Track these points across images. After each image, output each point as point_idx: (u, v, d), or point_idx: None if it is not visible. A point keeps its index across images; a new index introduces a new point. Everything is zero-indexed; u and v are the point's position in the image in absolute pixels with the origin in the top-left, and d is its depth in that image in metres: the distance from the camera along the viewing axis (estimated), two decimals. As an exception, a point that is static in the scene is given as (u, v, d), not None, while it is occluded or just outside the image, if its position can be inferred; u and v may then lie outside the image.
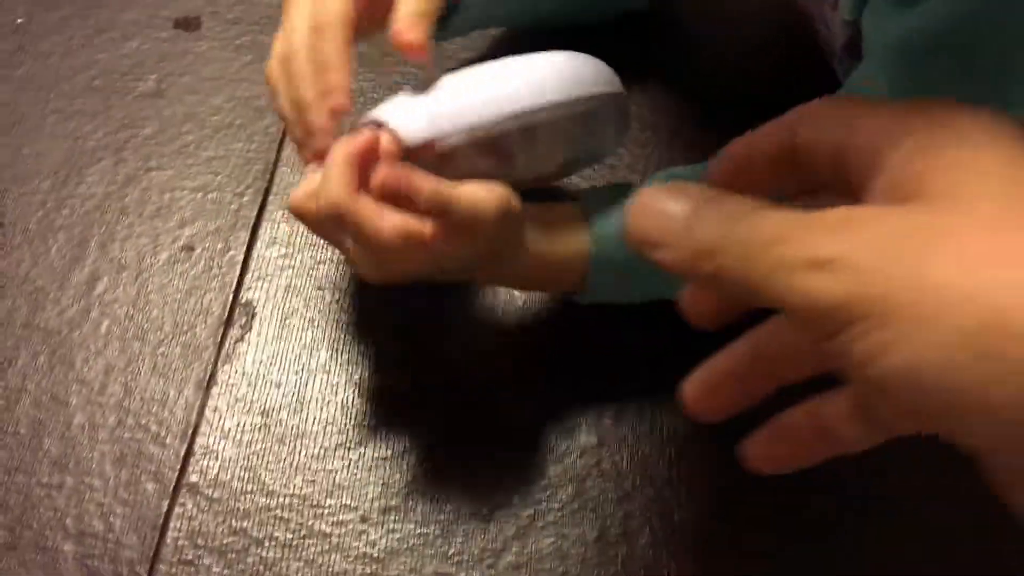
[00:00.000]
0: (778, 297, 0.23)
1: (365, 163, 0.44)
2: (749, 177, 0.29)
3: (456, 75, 0.48)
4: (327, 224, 0.45)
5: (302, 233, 0.62)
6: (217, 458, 0.53)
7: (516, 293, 0.59)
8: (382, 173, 0.43)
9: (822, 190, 0.27)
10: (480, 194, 0.44)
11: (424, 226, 0.43)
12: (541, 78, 0.48)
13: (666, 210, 0.26)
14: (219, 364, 0.57)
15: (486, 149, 0.47)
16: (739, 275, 0.24)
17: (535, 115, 0.47)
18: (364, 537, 0.51)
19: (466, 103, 0.47)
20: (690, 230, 0.25)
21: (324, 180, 0.44)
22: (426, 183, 0.43)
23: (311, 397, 0.56)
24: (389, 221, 0.43)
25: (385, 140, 0.45)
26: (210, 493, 0.52)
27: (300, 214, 0.47)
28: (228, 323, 0.58)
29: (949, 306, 0.21)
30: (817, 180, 0.27)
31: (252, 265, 0.61)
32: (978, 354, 0.21)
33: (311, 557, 0.50)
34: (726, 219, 0.25)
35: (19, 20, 0.74)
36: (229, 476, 0.53)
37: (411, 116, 0.46)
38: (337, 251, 0.60)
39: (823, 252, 0.23)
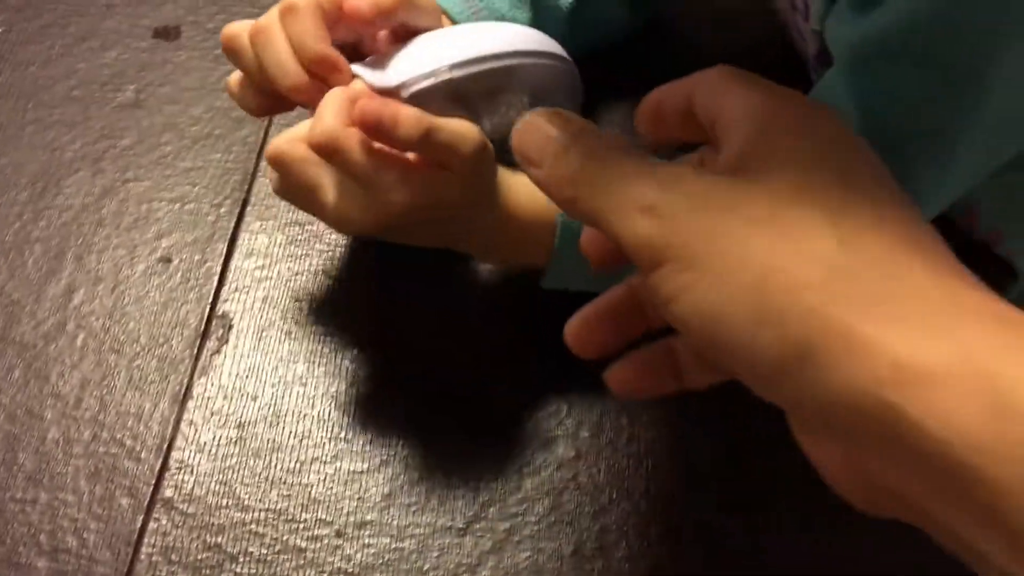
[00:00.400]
0: (614, 232, 0.27)
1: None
2: (662, 125, 0.32)
3: (429, 32, 0.51)
4: (310, 166, 0.47)
5: (280, 244, 0.62)
6: (192, 472, 0.53)
7: (498, 307, 0.58)
8: (364, 103, 0.45)
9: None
10: (460, 126, 0.46)
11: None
12: (506, 33, 0.51)
13: (548, 132, 0.29)
14: (195, 377, 0.56)
15: (452, 99, 0.48)
16: (589, 207, 0.28)
17: (497, 62, 0.49)
18: (339, 552, 0.51)
19: (432, 50, 0.49)
20: (560, 156, 0.29)
21: (318, 116, 0.46)
22: (409, 111, 0.45)
23: (287, 410, 0.55)
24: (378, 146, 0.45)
25: (359, 85, 0.48)
26: (185, 508, 0.52)
27: (279, 159, 0.48)
28: (204, 336, 0.58)
29: (733, 260, 0.25)
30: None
31: (229, 277, 0.61)
32: (749, 303, 0.24)
33: (286, 572, 0.50)
34: (591, 153, 0.28)
35: (-2, 29, 0.74)
36: (204, 491, 0.53)
37: (379, 65, 0.49)
38: (314, 262, 0.60)
39: (649, 199, 0.26)
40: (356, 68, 0.49)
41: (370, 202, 0.46)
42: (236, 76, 0.53)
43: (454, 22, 0.59)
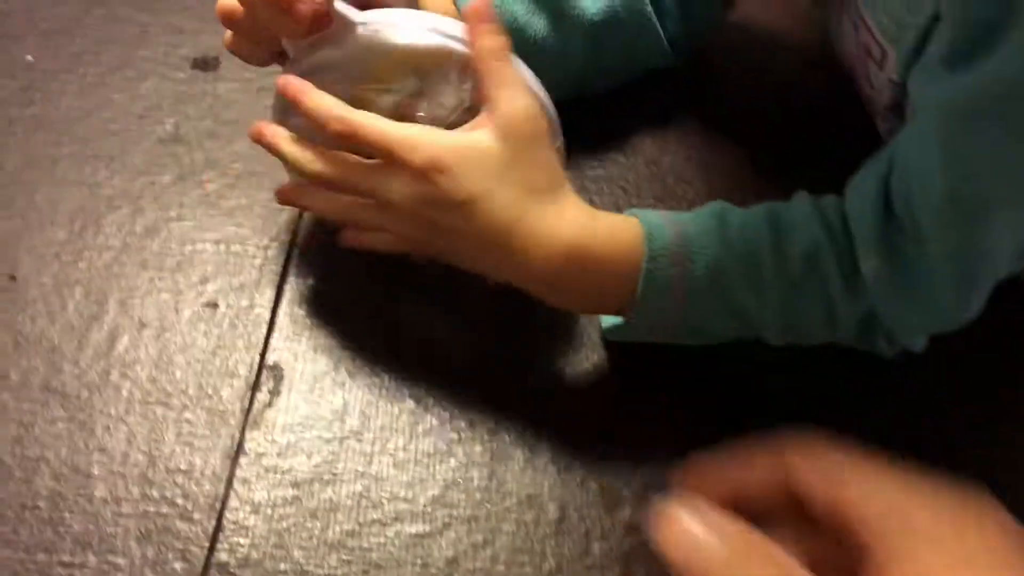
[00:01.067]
0: None
1: None
2: (744, 497, 0.33)
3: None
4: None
5: (331, 290, 0.60)
6: (247, 534, 0.51)
7: (566, 368, 0.56)
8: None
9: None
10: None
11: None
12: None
13: (702, 546, 0.30)
14: (246, 431, 0.54)
15: (400, 64, 0.51)
16: None
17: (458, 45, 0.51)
18: (403, 621, 0.49)
19: (408, 13, 0.52)
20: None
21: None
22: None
23: (344, 468, 0.53)
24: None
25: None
26: (241, 573, 0.50)
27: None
28: (255, 386, 0.56)
29: None
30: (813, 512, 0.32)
31: (278, 323, 0.58)
32: None
33: (348, 642, 0.48)
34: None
35: (28, 57, 0.71)
36: (260, 554, 0.50)
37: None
38: (365, 309, 0.58)
39: None
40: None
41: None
42: (228, 34, 0.54)
43: (460, 12, 0.57)
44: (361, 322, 0.58)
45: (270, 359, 0.57)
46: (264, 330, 0.58)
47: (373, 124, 0.48)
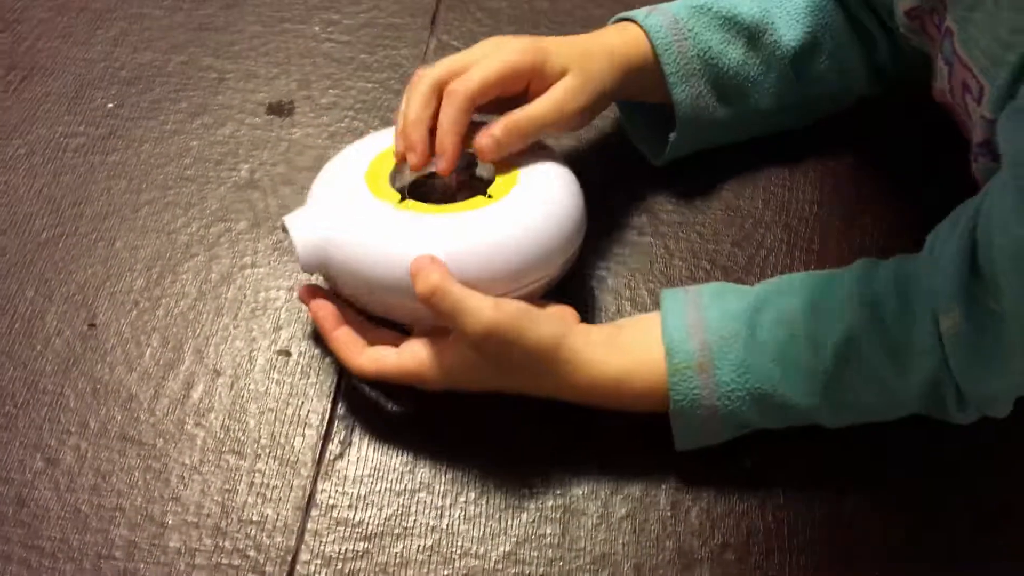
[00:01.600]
0: None
1: None
2: None
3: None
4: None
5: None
6: (318, 589, 0.51)
7: (637, 421, 0.55)
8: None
9: None
10: (472, 301, 0.50)
11: None
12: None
13: None
14: (318, 482, 0.54)
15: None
16: None
17: None
18: None
19: None
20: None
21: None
22: (434, 270, 0.52)
23: (415, 522, 0.53)
24: None
25: None
26: (312, 629, 0.49)
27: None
28: (327, 437, 0.56)
29: None
30: None
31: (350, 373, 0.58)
32: None
33: None
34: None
35: (110, 104, 0.73)
36: (331, 610, 0.50)
37: None
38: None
39: None
40: None
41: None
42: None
43: (655, 48, 0.60)
44: (432, 371, 0.58)
45: (341, 409, 0.57)
46: (336, 379, 0.58)
47: (383, 367, 0.53)
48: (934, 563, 0.52)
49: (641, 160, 0.67)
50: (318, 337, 0.59)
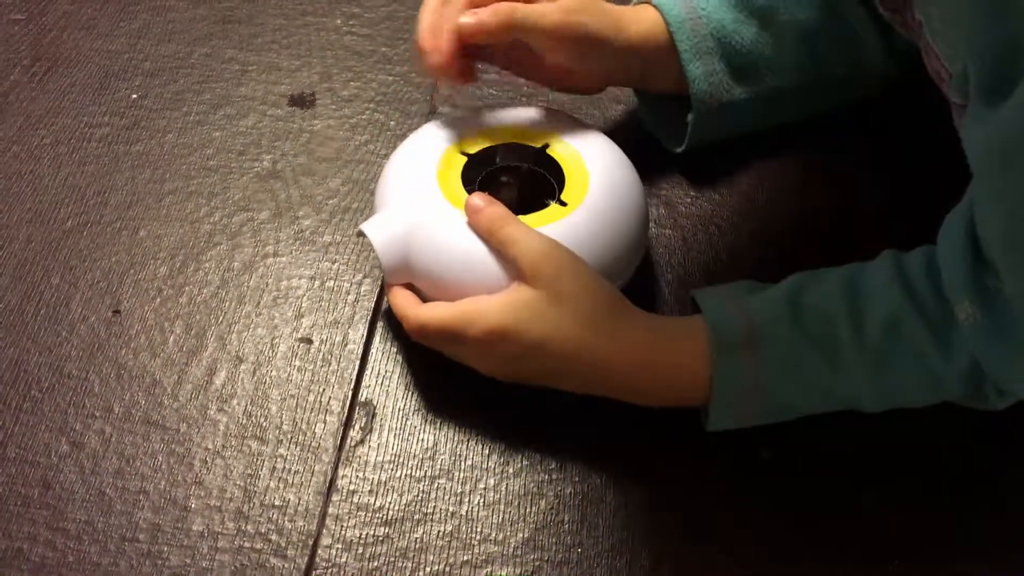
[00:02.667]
0: None
1: None
2: None
3: None
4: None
5: (422, 327, 0.60)
6: (340, 572, 0.51)
7: (656, 410, 0.55)
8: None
9: None
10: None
11: None
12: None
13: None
14: (339, 468, 0.55)
15: None
16: None
17: None
18: (493, 666, 0.48)
19: None
20: None
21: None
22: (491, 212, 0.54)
23: (434, 508, 0.53)
24: None
25: None
26: (333, 612, 0.50)
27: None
28: (348, 424, 0.56)
29: None
30: None
31: (371, 360, 0.59)
32: None
33: None
34: None
35: (134, 95, 0.74)
36: (352, 593, 0.51)
37: None
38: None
39: None
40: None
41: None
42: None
43: (669, 25, 0.61)
44: (453, 361, 0.58)
45: (362, 395, 0.57)
46: (357, 366, 0.59)
47: (434, 315, 0.53)
48: (951, 554, 0.52)
49: (659, 153, 0.68)
50: (339, 325, 0.60)
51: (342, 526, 0.53)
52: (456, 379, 0.57)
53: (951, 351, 0.49)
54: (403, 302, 0.55)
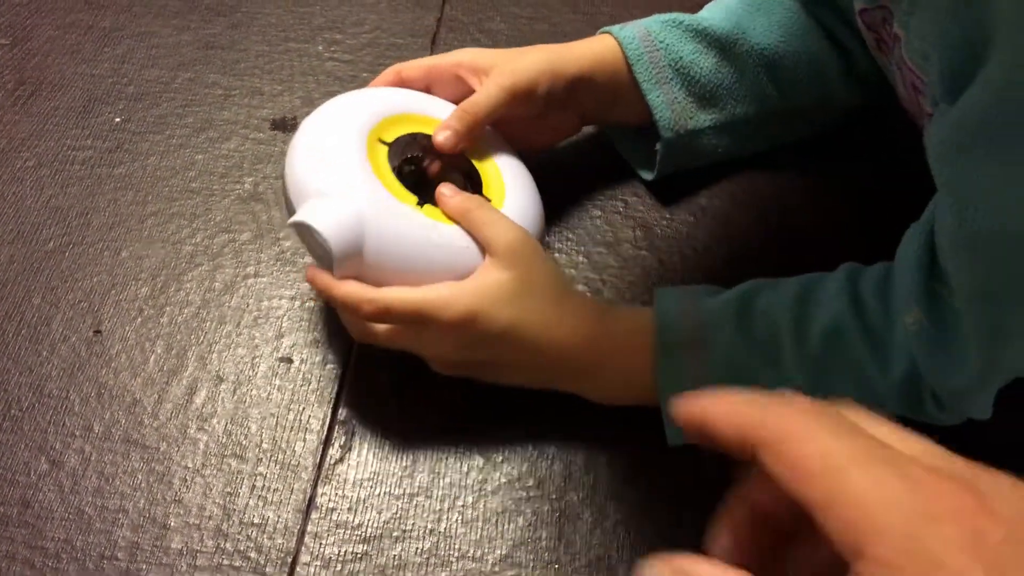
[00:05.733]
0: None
1: None
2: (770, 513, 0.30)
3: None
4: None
5: (401, 346, 0.61)
6: (318, 590, 0.51)
7: (634, 426, 0.56)
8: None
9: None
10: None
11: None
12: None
13: None
14: (318, 486, 0.55)
15: None
16: None
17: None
18: None
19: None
20: None
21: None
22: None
23: (413, 525, 0.54)
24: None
25: None
26: (311, 629, 0.50)
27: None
28: (327, 442, 0.57)
29: None
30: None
31: (350, 379, 0.59)
32: None
33: None
34: None
35: (117, 119, 0.75)
36: (330, 610, 0.51)
37: None
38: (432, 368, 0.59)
39: None
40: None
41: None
42: None
43: (628, 59, 0.63)
44: (432, 378, 0.59)
45: (342, 414, 0.58)
46: (336, 385, 0.59)
47: (400, 297, 0.51)
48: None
49: (635, 175, 0.69)
50: (319, 344, 0.61)
51: (321, 543, 0.53)
52: (435, 398, 0.58)
53: (888, 362, 0.50)
54: (358, 288, 0.52)
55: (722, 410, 0.29)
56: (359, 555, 0.53)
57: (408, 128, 0.58)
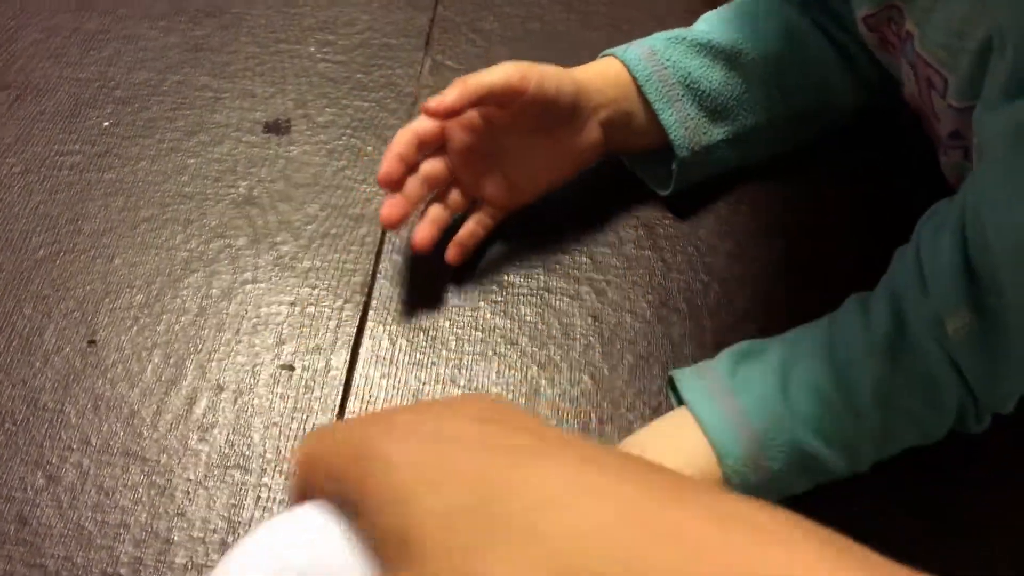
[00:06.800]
0: None
1: None
2: None
3: None
4: None
5: (405, 351, 0.59)
6: (328, 603, 0.50)
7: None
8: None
9: None
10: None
11: None
12: None
13: None
14: (325, 496, 0.54)
15: None
16: None
17: None
18: None
19: None
20: None
21: None
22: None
23: (423, 534, 0.52)
24: None
25: None
26: (322, 643, 0.49)
27: None
28: (332, 450, 0.55)
29: None
30: None
31: (354, 385, 0.58)
32: None
33: None
34: None
35: (105, 123, 0.73)
36: (341, 623, 0.49)
37: None
38: (439, 372, 0.58)
39: None
40: None
41: None
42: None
43: (636, 81, 0.62)
44: (436, 385, 0.58)
45: (347, 422, 0.57)
46: (340, 392, 0.58)
47: None
48: (944, 567, 0.52)
49: (635, 175, 0.68)
50: (321, 351, 0.59)
51: (329, 555, 0.52)
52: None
53: (942, 409, 0.49)
54: None
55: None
56: (369, 566, 0.51)
57: None
